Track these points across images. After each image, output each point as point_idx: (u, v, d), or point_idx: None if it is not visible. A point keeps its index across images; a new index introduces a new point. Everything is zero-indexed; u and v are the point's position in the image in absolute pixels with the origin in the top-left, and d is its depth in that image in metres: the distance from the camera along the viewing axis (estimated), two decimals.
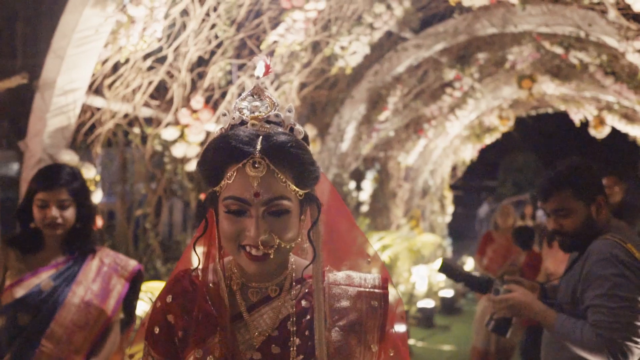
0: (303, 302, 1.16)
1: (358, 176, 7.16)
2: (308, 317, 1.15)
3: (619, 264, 1.93)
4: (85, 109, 3.67)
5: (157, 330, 1.18)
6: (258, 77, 1.15)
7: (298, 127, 1.15)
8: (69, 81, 3.45)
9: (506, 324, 2.22)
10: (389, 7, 4.69)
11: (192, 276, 1.20)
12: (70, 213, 2.27)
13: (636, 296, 1.89)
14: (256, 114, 1.11)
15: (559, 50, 5.73)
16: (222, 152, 1.09)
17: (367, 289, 1.18)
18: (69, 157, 3.58)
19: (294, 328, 1.13)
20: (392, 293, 1.20)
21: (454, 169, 10.34)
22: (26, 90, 3.71)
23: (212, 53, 4.17)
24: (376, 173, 7.50)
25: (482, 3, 2.77)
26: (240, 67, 4.59)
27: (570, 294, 2.07)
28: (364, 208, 7.14)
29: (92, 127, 3.79)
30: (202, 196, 4.12)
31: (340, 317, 1.15)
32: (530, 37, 5.87)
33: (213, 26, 3.96)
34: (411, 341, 6.31)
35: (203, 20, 3.90)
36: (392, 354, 1.19)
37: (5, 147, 3.76)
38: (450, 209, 9.96)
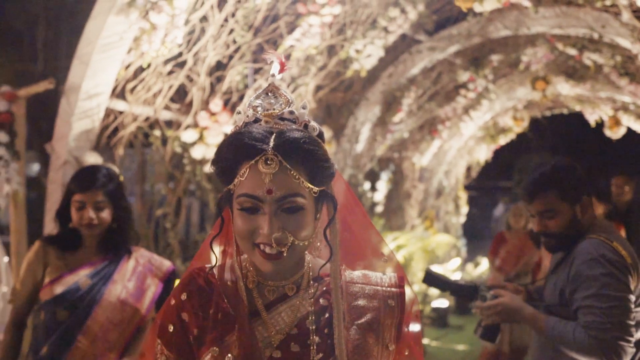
0: (321, 301, 1.16)
1: (373, 177, 7.24)
2: (327, 315, 1.15)
3: (607, 263, 1.94)
4: (108, 112, 3.80)
5: (171, 328, 1.17)
6: (273, 75, 1.13)
7: (313, 123, 1.14)
8: (94, 86, 3.58)
9: (494, 330, 2.19)
10: (403, 10, 4.77)
11: (207, 274, 1.19)
12: (106, 214, 2.33)
13: (626, 295, 1.91)
14: (270, 111, 1.11)
15: (572, 51, 5.77)
16: (234, 150, 1.09)
17: (384, 288, 1.18)
18: (93, 159, 3.72)
19: (314, 327, 1.13)
20: (408, 292, 1.20)
21: (468, 169, 10.38)
22: (52, 95, 3.87)
23: (230, 57, 4.28)
24: (391, 174, 7.58)
25: (494, 7, 2.82)
26: (257, 71, 4.71)
27: (558, 296, 2.07)
28: (379, 208, 7.23)
29: (115, 130, 3.92)
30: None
31: (358, 315, 1.15)
32: (543, 39, 5.92)
33: (231, 31, 4.08)
34: (425, 340, 6.38)
35: (221, 25, 4.02)
36: (407, 353, 1.19)
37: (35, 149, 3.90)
38: (464, 209, 10.00)
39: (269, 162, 1.06)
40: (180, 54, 3.92)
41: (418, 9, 4.76)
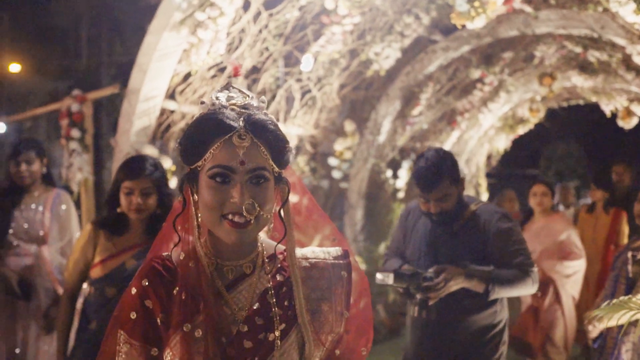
0: (278, 277, 1.24)
1: (395, 165, 7.75)
2: (284, 289, 1.22)
3: (508, 217, 2.56)
4: (162, 111, 4.45)
5: (133, 315, 1.19)
6: (230, 77, 1.46)
7: (270, 115, 1.23)
8: (150, 89, 4.23)
9: (426, 305, 2.46)
10: (417, 17, 5.32)
11: (165, 260, 1.23)
12: (152, 200, 2.49)
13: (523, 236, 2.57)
14: (232, 101, 1.20)
15: (577, 49, 6.22)
16: (210, 127, 1.15)
17: (332, 261, 1.27)
18: (150, 151, 4.38)
19: (274, 300, 1.20)
20: (358, 268, 1.30)
21: (488, 157, 10.77)
22: (116, 98, 4.55)
23: (264, 62, 4.91)
24: (412, 162, 8.09)
25: (483, 23, 3.35)
26: (287, 74, 5.33)
27: (477, 252, 2.49)
28: (400, 195, 7.76)
29: (168, 126, 4.58)
30: None
31: (311, 287, 1.23)
32: (551, 38, 6.36)
33: (264, 40, 4.70)
34: None
35: (256, 36, 4.65)
36: (358, 321, 1.29)
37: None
38: (484, 196, 10.41)
39: (242, 137, 1.15)
40: (221, 62, 4.57)
41: (431, 15, 5.30)
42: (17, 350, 3.39)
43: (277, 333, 1.18)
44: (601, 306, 2.01)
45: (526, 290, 2.53)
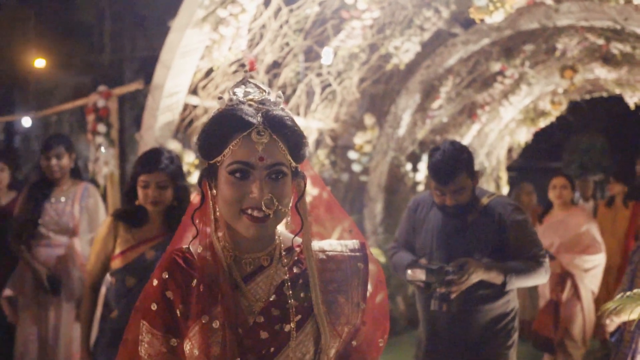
0: (294, 269, 1.25)
1: (414, 159, 7.77)
2: (300, 281, 1.24)
3: (520, 209, 2.61)
4: (185, 107, 4.55)
5: (154, 306, 1.22)
6: (246, 71, 1.27)
7: (287, 110, 1.24)
8: (174, 85, 4.31)
9: (447, 298, 2.44)
10: (436, 10, 5.33)
11: (185, 253, 1.26)
12: (167, 193, 2.54)
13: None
14: (250, 97, 1.21)
15: (600, 41, 6.16)
16: (228, 123, 1.17)
17: (349, 253, 1.28)
18: (173, 146, 4.48)
19: (290, 292, 1.22)
20: (374, 260, 1.31)
21: (509, 150, 10.71)
22: (139, 93, 4.66)
23: (284, 57, 4.97)
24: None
25: (502, 17, 3.36)
26: (307, 68, 5.39)
27: (492, 244, 2.51)
28: (420, 187, 7.78)
29: (191, 121, 4.68)
30: None
31: (328, 279, 1.24)
32: (573, 30, 6.30)
33: (285, 36, 4.77)
34: None
35: (277, 31, 4.71)
36: (375, 313, 1.30)
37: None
38: (505, 189, 10.37)
39: (261, 133, 1.16)
40: (242, 57, 4.64)
41: (450, 8, 5.30)
42: (49, 337, 3.54)
43: (292, 324, 1.19)
44: (615, 298, 2.03)
45: (539, 279, 2.58)
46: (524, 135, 10.36)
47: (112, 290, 2.60)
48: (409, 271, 2.46)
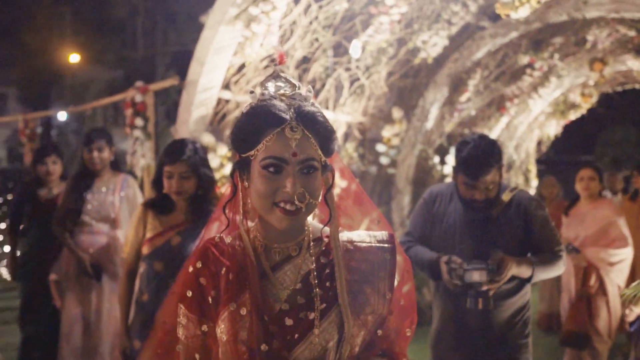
0: (322, 259, 1.28)
1: (442, 151, 7.81)
2: (327, 271, 1.27)
3: (542, 203, 2.63)
4: (218, 101, 4.70)
5: (189, 293, 1.27)
6: (276, 64, 1.29)
7: (317, 104, 1.27)
8: (208, 81, 4.45)
9: (486, 295, 2.40)
10: (464, 4, 5.38)
11: (218, 242, 1.30)
12: (190, 183, 2.61)
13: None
14: (281, 91, 1.24)
15: (631, 33, 6.11)
16: (262, 118, 1.20)
17: (377, 244, 1.30)
18: (207, 139, 4.65)
19: (316, 281, 1.25)
20: (402, 251, 1.33)
21: (539, 143, 10.64)
22: (170, 88, 4.82)
23: (314, 53, 5.09)
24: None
25: (527, 13, 3.42)
26: (336, 63, 5.51)
27: (516, 238, 2.52)
28: (448, 180, 7.84)
29: (224, 115, 4.84)
30: None
31: (355, 269, 1.27)
32: (604, 22, 6.26)
33: (314, 31, 4.89)
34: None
35: (307, 27, 4.83)
36: (402, 303, 1.32)
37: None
38: (534, 182, 10.32)
39: (294, 129, 1.19)
40: (273, 53, 4.77)
41: (478, 2, 5.35)
42: (91, 318, 3.78)
43: (316, 312, 1.22)
44: (632, 285, 2.09)
45: (558, 271, 2.61)
46: (554, 128, 10.29)
47: (143, 275, 2.72)
48: (474, 274, 2.37)
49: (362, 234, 1.32)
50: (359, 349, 1.26)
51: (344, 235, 1.30)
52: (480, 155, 2.43)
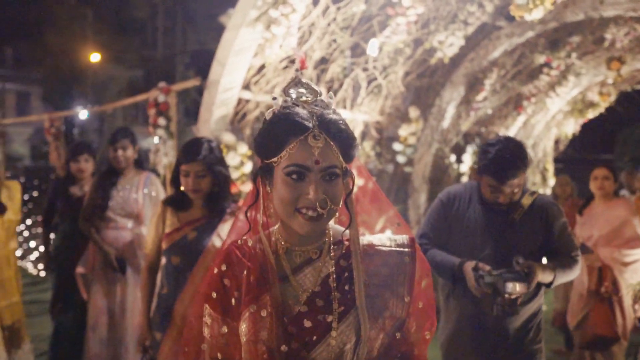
0: (341, 262, 1.30)
1: (459, 150, 7.86)
2: (346, 274, 1.28)
3: (561, 210, 2.63)
4: (238, 101, 4.82)
5: (214, 294, 1.31)
6: (297, 70, 1.31)
7: (338, 111, 1.30)
8: (229, 81, 4.57)
9: (515, 302, 2.38)
10: (480, 5, 5.43)
11: (240, 245, 1.34)
12: (205, 181, 2.67)
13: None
14: (303, 98, 1.27)
15: None
16: (285, 126, 1.22)
17: (397, 248, 1.31)
18: (228, 138, 4.77)
19: (335, 284, 1.26)
20: (421, 255, 1.33)
21: (556, 142, 10.61)
22: (190, 87, 4.94)
23: (332, 53, 5.18)
24: (476, 147, 8.16)
25: (542, 15, 3.47)
26: (354, 63, 5.60)
27: (538, 242, 2.51)
28: (464, 179, 7.87)
29: (244, 115, 4.96)
30: None
31: (374, 272, 1.28)
32: (622, 20, 6.26)
33: (332, 33, 4.98)
34: None
35: (325, 28, 4.93)
36: (421, 306, 1.32)
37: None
38: (551, 181, 10.30)
39: (317, 137, 1.22)
40: (292, 54, 4.88)
41: (494, 2, 5.39)
42: (116, 310, 3.92)
43: (334, 315, 1.23)
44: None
45: (575, 275, 2.63)
46: (572, 127, 10.25)
47: (163, 269, 2.80)
48: (518, 286, 2.31)
49: (383, 238, 1.33)
50: (378, 352, 1.27)
51: (365, 239, 1.31)
52: (509, 158, 2.37)
